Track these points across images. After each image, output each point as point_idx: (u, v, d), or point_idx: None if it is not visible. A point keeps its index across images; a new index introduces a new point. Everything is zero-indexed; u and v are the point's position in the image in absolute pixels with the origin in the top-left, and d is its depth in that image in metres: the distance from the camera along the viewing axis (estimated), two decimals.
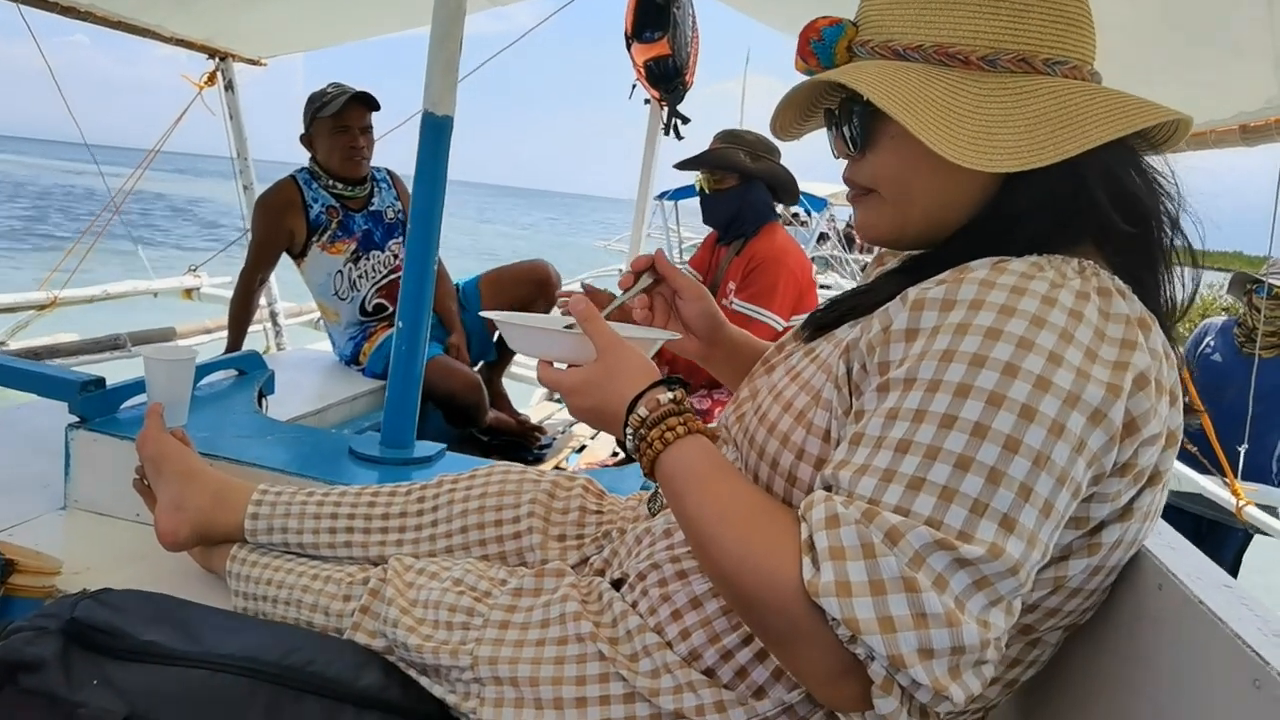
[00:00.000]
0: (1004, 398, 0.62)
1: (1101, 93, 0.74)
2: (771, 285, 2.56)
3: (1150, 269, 0.77)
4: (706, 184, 2.72)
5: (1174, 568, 0.71)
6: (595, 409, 0.85)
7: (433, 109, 1.60)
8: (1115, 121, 0.71)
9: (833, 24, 0.81)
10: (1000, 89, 0.74)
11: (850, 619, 0.60)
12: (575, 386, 0.86)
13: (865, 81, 0.75)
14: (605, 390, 0.84)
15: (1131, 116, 0.72)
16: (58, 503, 1.59)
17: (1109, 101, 0.73)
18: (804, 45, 0.82)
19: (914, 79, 0.75)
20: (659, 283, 1.08)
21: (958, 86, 0.74)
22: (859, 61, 0.80)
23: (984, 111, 0.73)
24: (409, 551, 1.20)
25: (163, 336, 3.72)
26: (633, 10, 3.38)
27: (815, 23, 0.81)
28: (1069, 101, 0.73)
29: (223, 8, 3.00)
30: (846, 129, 0.82)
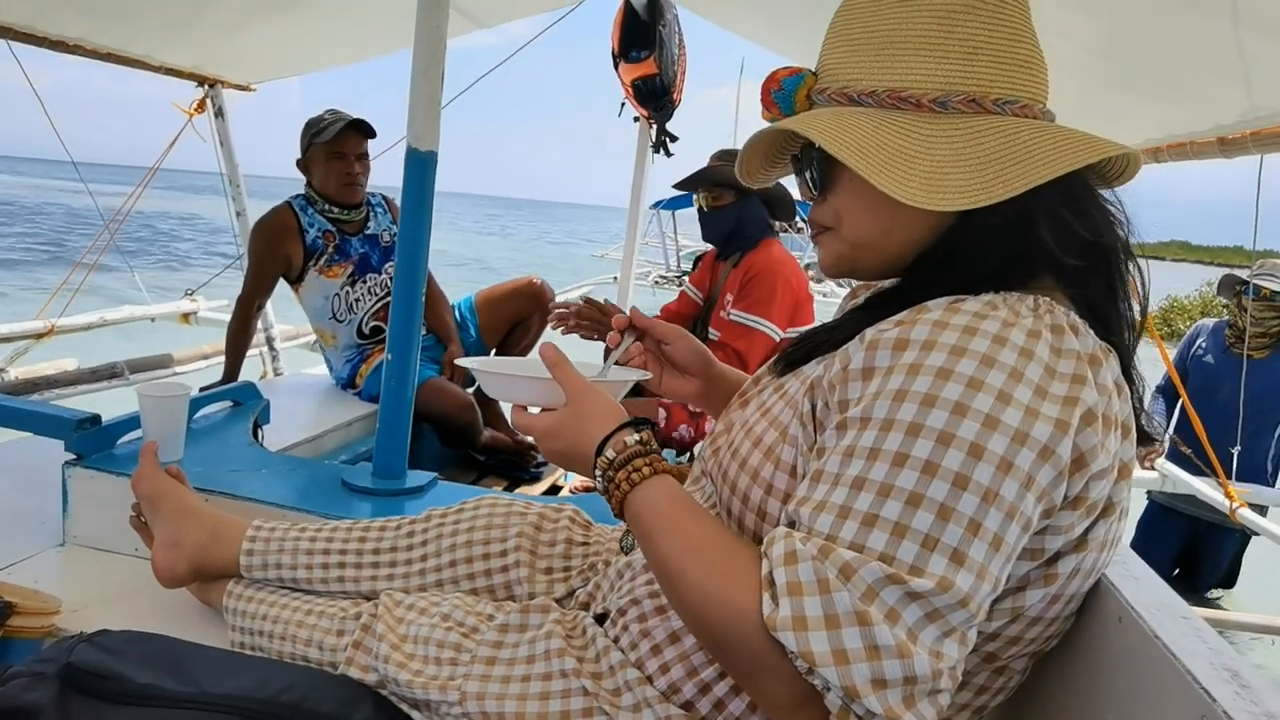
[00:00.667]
0: (953, 436, 0.65)
1: (1051, 130, 0.77)
2: (768, 295, 2.59)
3: (1109, 299, 0.80)
4: (705, 201, 2.76)
5: (1134, 600, 0.73)
6: (566, 451, 0.88)
7: (416, 144, 1.62)
8: (1063, 158, 0.74)
9: (792, 74, 0.84)
10: (952, 129, 0.76)
11: (806, 652, 0.62)
12: (546, 430, 0.89)
13: (818, 129, 0.78)
14: (575, 433, 0.87)
15: (1079, 153, 0.74)
16: (55, 539, 1.60)
17: (1057, 139, 0.75)
18: (766, 95, 0.85)
19: (866, 123, 0.77)
20: (643, 336, 1.13)
21: (909, 129, 0.76)
22: (816, 109, 0.82)
23: (934, 152, 0.75)
24: (399, 586, 1.22)
25: (161, 364, 3.74)
26: (619, 30, 3.40)
27: (775, 74, 0.84)
28: (1018, 140, 0.75)
29: (210, 35, 3.02)
30: (808, 173, 0.85)
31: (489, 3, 3.28)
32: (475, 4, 3.20)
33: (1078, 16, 1.58)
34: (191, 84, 3.46)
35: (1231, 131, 1.68)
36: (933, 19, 0.77)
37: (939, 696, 0.64)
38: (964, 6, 0.77)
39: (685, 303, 3.05)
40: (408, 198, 1.65)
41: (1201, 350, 3.69)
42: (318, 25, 3.12)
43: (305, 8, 2.85)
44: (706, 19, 3.54)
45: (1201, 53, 1.50)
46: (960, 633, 0.64)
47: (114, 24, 2.73)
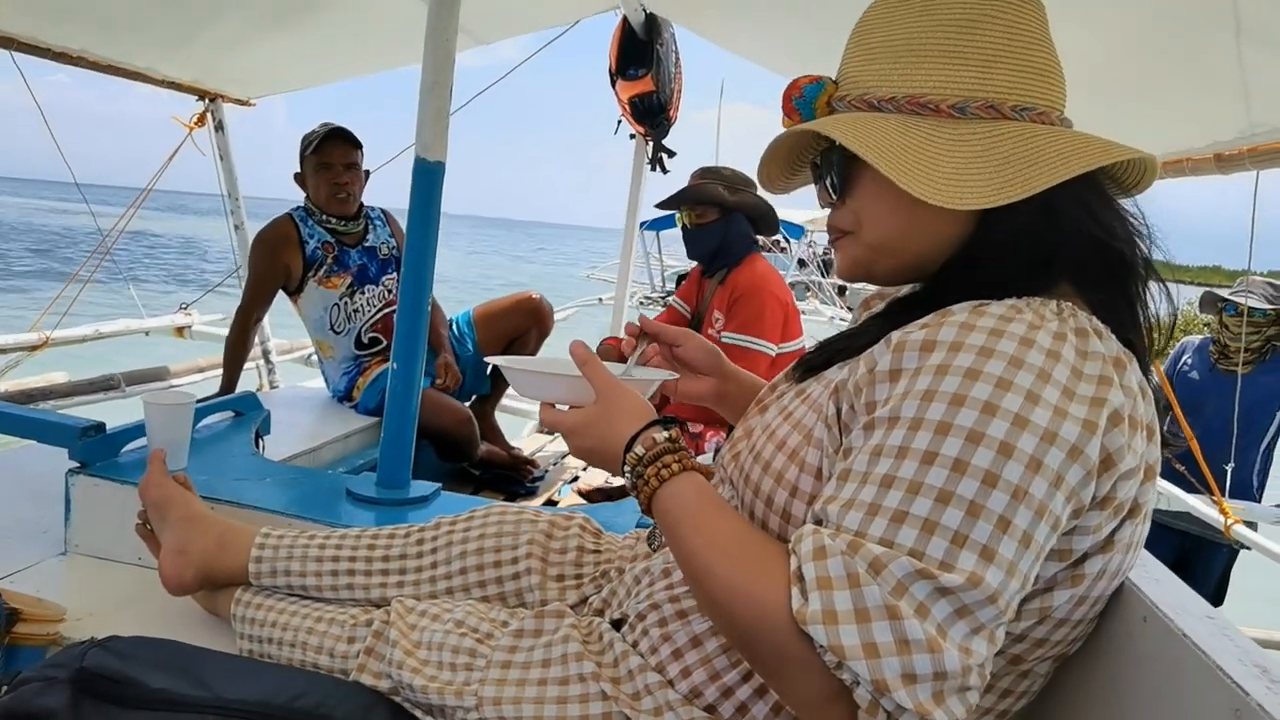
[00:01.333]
0: (983, 435, 0.65)
1: (1067, 135, 0.78)
2: (758, 313, 2.61)
3: (1128, 306, 0.81)
4: (688, 219, 2.78)
5: (1158, 600, 0.74)
6: (595, 449, 0.89)
7: (425, 154, 1.63)
8: (1080, 159, 0.75)
9: (813, 81, 0.85)
10: (970, 134, 0.77)
11: (836, 645, 0.63)
12: (575, 427, 0.90)
13: (840, 130, 0.79)
14: (604, 430, 0.88)
15: (1096, 154, 0.76)
16: (58, 548, 1.59)
17: (1074, 142, 0.77)
18: (787, 102, 0.86)
19: (888, 127, 0.79)
20: (654, 342, 1.14)
21: (930, 133, 0.78)
22: (837, 115, 0.84)
23: (955, 155, 0.76)
24: (410, 593, 1.22)
25: (156, 376, 3.72)
26: (616, 48, 3.44)
27: (797, 81, 0.86)
28: (1035, 144, 0.77)
29: (213, 50, 3.03)
30: (828, 178, 0.86)
31: (488, 20, 3.30)
32: (475, 21, 3.22)
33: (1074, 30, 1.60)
34: (191, 98, 3.47)
35: (1229, 148, 1.70)
36: (952, 27, 0.79)
37: (968, 694, 0.64)
38: (982, 15, 0.79)
39: (674, 316, 3.07)
40: (415, 207, 1.66)
41: (1187, 367, 3.73)
42: (320, 41, 3.13)
43: (308, 23, 2.87)
44: (703, 37, 3.57)
45: (1201, 67, 1.53)
46: (989, 630, 0.65)
47: (118, 37, 2.74)
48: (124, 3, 2.52)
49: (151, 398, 1.62)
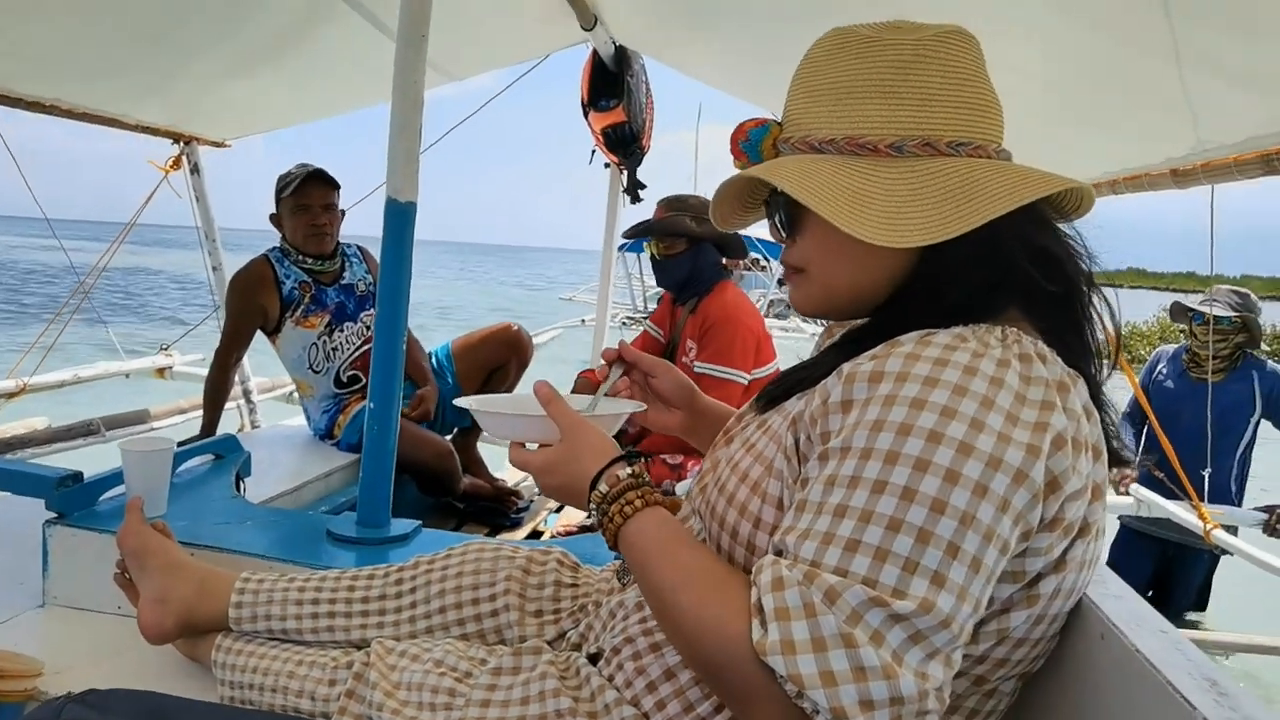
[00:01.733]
0: (930, 463, 0.67)
1: (1004, 169, 0.81)
2: (729, 343, 2.65)
3: (1074, 329, 0.83)
4: (657, 250, 2.83)
5: (1114, 616, 0.76)
6: (562, 486, 0.91)
7: (396, 195, 1.65)
8: (1016, 193, 0.78)
9: (758, 125, 0.88)
10: (909, 172, 0.80)
11: (795, 675, 0.64)
12: (543, 467, 0.92)
13: (780, 175, 0.82)
14: (570, 469, 0.90)
15: (1031, 188, 0.78)
16: (35, 600, 1.58)
17: (1011, 176, 0.79)
18: (735, 145, 0.89)
19: (828, 169, 0.81)
20: (630, 369, 1.15)
21: (869, 173, 0.80)
22: (782, 157, 0.86)
23: (893, 193, 0.79)
24: (390, 634, 1.22)
25: (137, 419, 3.70)
26: (588, 80, 3.49)
27: (743, 125, 0.89)
28: (972, 178, 0.79)
29: (186, 93, 3.05)
30: (777, 218, 0.89)
31: (459, 57, 3.34)
32: (445, 58, 3.26)
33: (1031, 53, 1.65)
34: (166, 141, 3.48)
35: (1183, 164, 1.75)
36: (887, 68, 0.82)
37: (926, 718, 0.65)
38: (916, 56, 0.82)
39: (649, 342, 3.09)
40: (388, 248, 1.68)
41: (1162, 376, 3.79)
42: (293, 81, 3.16)
43: (280, 65, 2.90)
44: (671, 67, 3.63)
45: (1148, 91, 1.58)
46: (944, 654, 0.66)
47: (91, 85, 2.75)
48: (96, 52, 2.54)
49: (129, 444, 1.62)
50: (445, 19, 1.87)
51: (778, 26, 2.50)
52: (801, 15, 2.26)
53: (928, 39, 0.82)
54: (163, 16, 2.37)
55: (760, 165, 0.87)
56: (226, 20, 2.49)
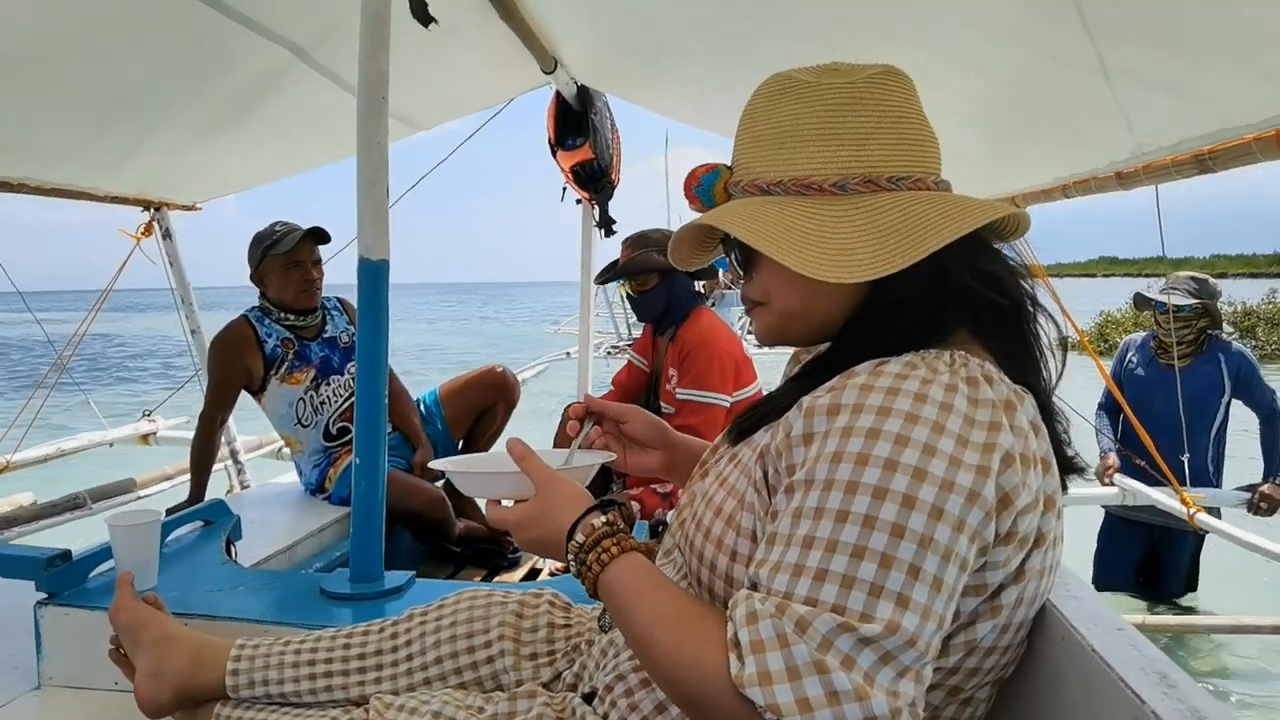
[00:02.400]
0: (887, 490, 0.71)
1: (943, 200, 0.85)
2: (707, 368, 2.69)
3: (1022, 346, 0.88)
4: (631, 289, 2.89)
5: (1073, 618, 0.79)
6: (539, 540, 0.93)
7: (368, 254, 1.68)
8: (955, 224, 0.82)
9: (709, 170, 0.93)
10: (853, 209, 0.84)
11: (773, 704, 0.67)
12: (519, 522, 0.94)
13: (731, 221, 0.86)
14: (545, 522, 0.92)
15: (969, 218, 0.83)
16: (31, 683, 1.58)
17: (949, 207, 0.84)
18: (688, 191, 0.93)
19: (775, 211, 0.85)
20: (601, 419, 1.19)
21: (814, 212, 0.85)
22: (732, 201, 0.91)
23: (839, 231, 0.83)
24: (388, 688, 1.24)
25: (123, 489, 3.68)
26: (553, 120, 3.55)
27: (695, 171, 0.93)
28: (914, 212, 0.83)
29: (154, 162, 3.08)
30: (734, 255, 0.94)
31: (423, 108, 3.40)
32: (410, 110, 3.32)
33: (967, 77, 1.72)
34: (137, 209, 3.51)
35: (1125, 167, 1.81)
36: (825, 111, 0.86)
37: None
38: (852, 97, 0.86)
39: (633, 372, 3.14)
40: (364, 305, 1.71)
41: (1133, 364, 3.85)
42: (259, 142, 3.20)
43: (244, 127, 2.93)
44: (632, 103, 3.70)
45: (1083, 103, 1.64)
46: (914, 671, 0.69)
47: (58, 162, 2.78)
48: (59, 133, 2.57)
49: (115, 519, 1.63)
50: (406, 74, 1.92)
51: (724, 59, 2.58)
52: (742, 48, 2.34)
53: (861, 82, 0.87)
54: (122, 91, 2.41)
55: (713, 212, 0.91)
56: (186, 88, 2.53)
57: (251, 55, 2.42)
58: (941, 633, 0.72)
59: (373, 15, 1.67)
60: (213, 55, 2.37)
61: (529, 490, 0.96)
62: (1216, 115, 1.45)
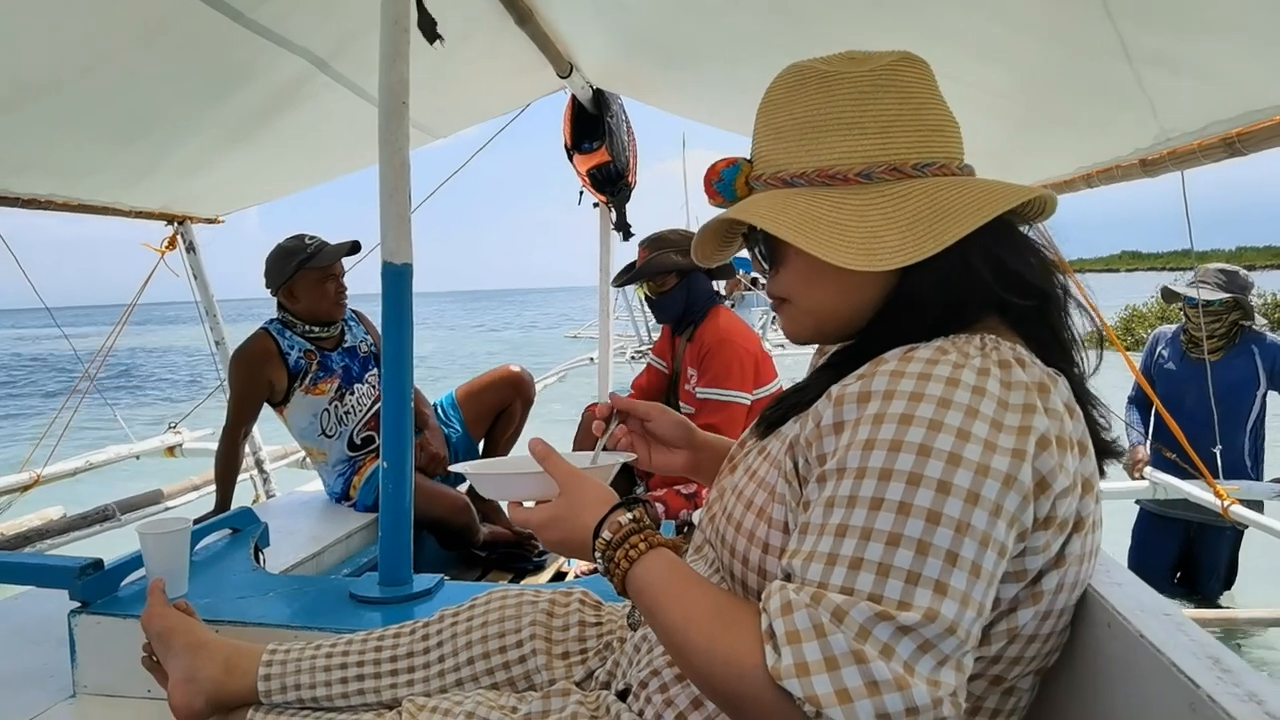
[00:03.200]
0: (921, 476, 0.70)
1: (969, 184, 0.84)
2: (726, 367, 2.69)
3: (1050, 328, 0.86)
4: (649, 290, 2.89)
5: (1118, 605, 0.78)
6: (564, 540, 0.92)
7: (391, 259, 1.69)
8: (983, 208, 0.81)
9: (730, 164, 0.92)
10: (879, 197, 0.83)
11: (811, 696, 0.66)
12: (544, 522, 0.93)
13: (757, 214, 0.85)
14: (571, 522, 0.91)
15: (996, 201, 0.82)
16: (66, 691, 1.59)
17: (976, 192, 0.83)
18: (709, 186, 0.93)
19: (801, 202, 0.84)
20: (626, 418, 1.18)
21: (841, 202, 0.84)
22: (755, 194, 0.90)
23: (866, 219, 0.82)
24: (420, 690, 1.23)
25: (151, 500, 3.72)
26: (569, 124, 3.56)
27: (715, 166, 0.92)
28: (940, 197, 0.82)
29: (176, 176, 3.11)
30: (757, 249, 0.92)
31: (442, 116, 3.41)
32: (428, 119, 3.34)
33: (986, 67, 1.70)
34: (160, 222, 3.54)
35: (1150, 153, 1.79)
36: (847, 101, 0.85)
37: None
38: (873, 86, 0.85)
39: (653, 375, 3.15)
40: (388, 309, 1.71)
41: (1163, 358, 3.80)
42: (280, 154, 3.22)
43: (265, 139, 2.96)
44: (648, 104, 3.70)
45: (1105, 89, 1.62)
46: (955, 660, 0.68)
47: (82, 178, 2.81)
48: (86, 147, 2.61)
49: (145, 527, 1.64)
50: (424, 82, 1.92)
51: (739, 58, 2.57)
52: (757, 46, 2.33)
53: (880, 69, 0.86)
54: (144, 106, 2.44)
55: (738, 206, 0.90)
56: (207, 101, 2.56)
57: (271, 67, 2.44)
58: (981, 620, 0.70)
59: (392, 22, 1.68)
60: (233, 68, 2.39)
61: (552, 490, 0.95)
62: (1244, 97, 1.42)
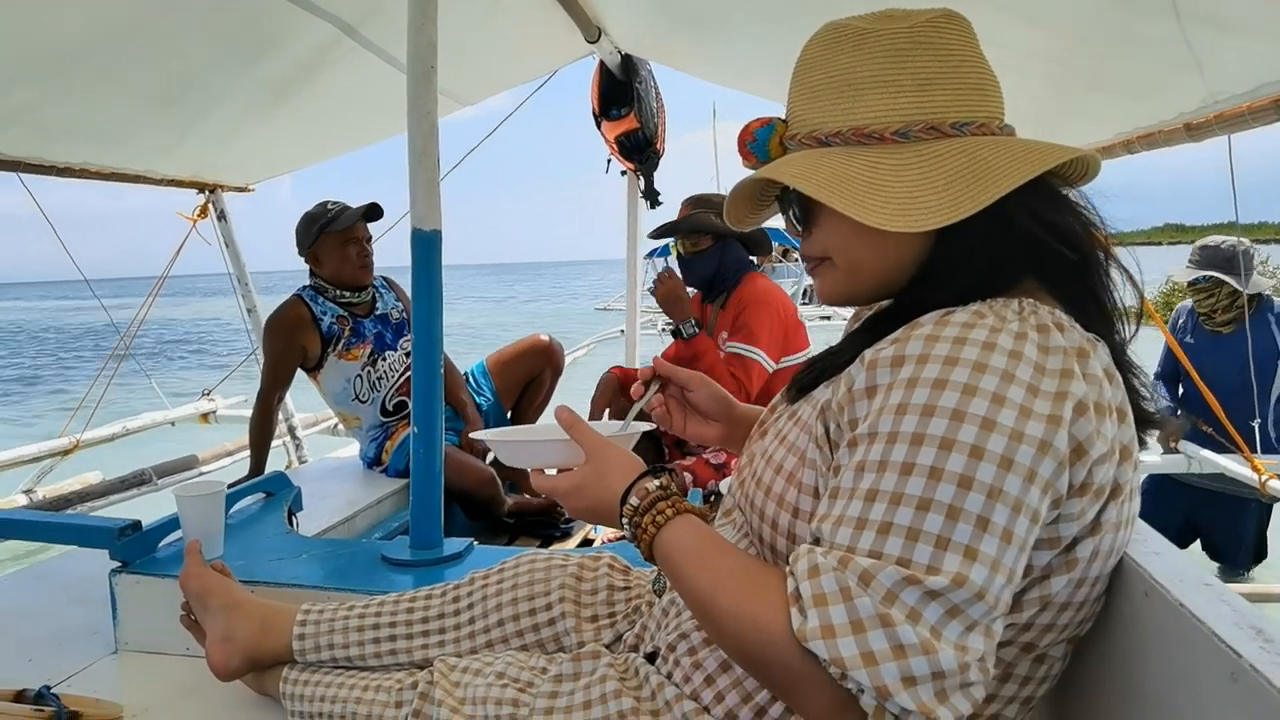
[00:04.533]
0: (954, 441, 0.69)
1: (1009, 144, 0.81)
2: (758, 327, 2.68)
3: (1090, 294, 0.84)
4: (683, 247, 2.86)
5: (1156, 573, 0.76)
6: (591, 508, 0.92)
7: (420, 225, 1.69)
8: (1022, 168, 0.79)
9: (764, 124, 0.90)
10: (916, 157, 0.81)
11: (836, 658, 0.66)
12: (570, 490, 0.93)
13: (791, 173, 0.83)
14: (598, 488, 0.91)
15: (1035, 161, 0.79)
16: (109, 647, 1.64)
17: (1015, 151, 0.80)
18: (742, 146, 0.91)
19: (836, 162, 0.83)
20: (666, 385, 1.17)
21: (877, 161, 0.82)
22: (790, 154, 0.88)
23: (903, 179, 0.80)
24: (451, 651, 1.25)
25: (186, 465, 3.80)
26: (597, 91, 3.53)
27: (749, 126, 0.90)
28: (979, 156, 0.80)
29: (207, 144, 3.14)
30: (792, 212, 0.91)
31: (469, 82, 3.40)
32: (456, 85, 3.32)
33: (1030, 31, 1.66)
34: (192, 191, 3.58)
35: (1196, 117, 1.73)
36: (884, 58, 0.83)
37: (971, 689, 0.66)
38: (911, 43, 0.83)
39: (680, 347, 3.13)
40: (418, 274, 1.71)
41: (1183, 333, 3.74)
42: (309, 122, 3.23)
43: (294, 107, 2.97)
44: (678, 70, 3.65)
45: (1152, 48, 1.57)
46: (983, 625, 0.67)
47: (115, 146, 2.84)
48: (115, 118, 2.63)
49: (182, 490, 1.67)
50: (452, 47, 1.91)
51: (774, 25, 2.52)
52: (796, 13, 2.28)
53: (920, 25, 0.83)
54: (174, 75, 2.45)
55: (771, 165, 0.88)
56: (236, 70, 2.56)
57: (300, 33, 2.43)
58: (1012, 587, 0.69)
59: None
60: (262, 34, 2.39)
61: (577, 458, 0.95)
62: None
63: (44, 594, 1.88)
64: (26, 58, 2.08)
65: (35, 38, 2.00)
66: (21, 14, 1.89)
